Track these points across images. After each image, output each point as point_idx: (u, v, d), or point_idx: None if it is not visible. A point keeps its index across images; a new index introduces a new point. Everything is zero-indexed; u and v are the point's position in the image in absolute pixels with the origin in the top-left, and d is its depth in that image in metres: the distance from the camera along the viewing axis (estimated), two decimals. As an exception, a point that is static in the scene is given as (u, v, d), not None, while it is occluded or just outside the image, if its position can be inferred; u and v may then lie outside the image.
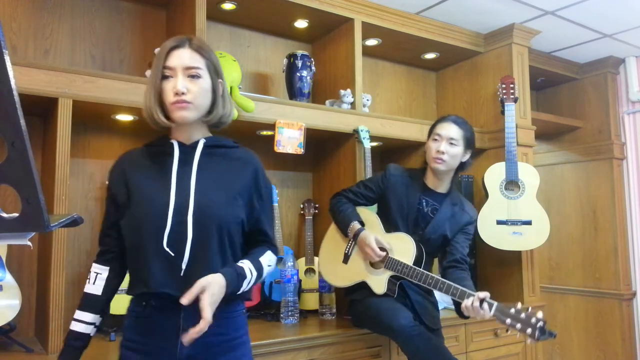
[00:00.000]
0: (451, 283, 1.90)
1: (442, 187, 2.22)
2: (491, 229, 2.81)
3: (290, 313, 2.34)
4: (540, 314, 1.67)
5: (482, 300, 1.79)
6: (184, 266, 1.28)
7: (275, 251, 1.46)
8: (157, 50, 2.21)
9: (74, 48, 2.29)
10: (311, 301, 2.57)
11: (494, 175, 2.89)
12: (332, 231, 2.32)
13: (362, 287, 2.14)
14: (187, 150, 1.38)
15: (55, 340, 1.77)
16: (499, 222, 2.82)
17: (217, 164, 1.39)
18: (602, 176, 3.72)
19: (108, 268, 1.40)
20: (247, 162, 1.44)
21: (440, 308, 2.49)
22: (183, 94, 1.30)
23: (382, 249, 2.09)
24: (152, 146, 1.43)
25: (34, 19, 2.20)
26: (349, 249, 2.22)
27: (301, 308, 2.48)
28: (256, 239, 1.43)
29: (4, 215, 0.68)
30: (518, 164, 2.85)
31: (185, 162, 1.36)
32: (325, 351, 2.15)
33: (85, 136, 2.28)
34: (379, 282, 2.08)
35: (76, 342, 1.36)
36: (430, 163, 2.17)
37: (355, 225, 2.14)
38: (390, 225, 2.18)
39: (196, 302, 1.21)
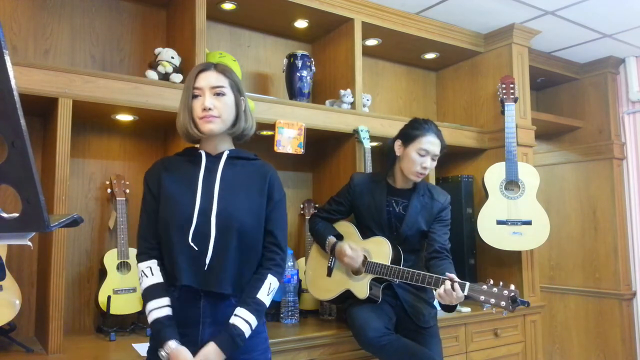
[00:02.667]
0: (425, 273, 1.94)
1: (408, 184, 2.23)
2: (491, 229, 2.81)
3: (290, 313, 2.34)
4: (512, 287, 1.78)
5: (452, 282, 1.84)
6: (207, 261, 1.44)
7: (277, 271, 1.54)
8: (157, 50, 2.22)
9: (74, 48, 2.29)
10: (311, 301, 2.57)
11: (494, 175, 2.89)
12: (315, 250, 2.37)
13: (349, 296, 2.16)
14: (213, 160, 1.56)
15: (55, 340, 1.77)
16: (499, 222, 2.82)
17: (238, 173, 1.56)
18: (602, 176, 3.72)
19: (155, 261, 1.51)
20: (264, 171, 1.60)
21: (439, 307, 2.49)
22: (210, 109, 1.48)
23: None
24: (183, 155, 1.61)
25: (34, 19, 2.20)
26: (331, 262, 2.27)
27: (301, 308, 2.48)
28: (265, 240, 1.55)
29: (4, 215, 0.68)
30: (518, 164, 2.86)
31: (211, 170, 1.53)
32: (325, 351, 2.16)
33: (85, 136, 2.28)
34: (361, 287, 2.11)
35: (172, 322, 1.44)
36: (410, 175, 2.15)
37: (331, 239, 2.20)
38: (367, 232, 2.22)
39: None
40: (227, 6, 2.53)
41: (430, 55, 3.28)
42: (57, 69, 1.87)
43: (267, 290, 1.50)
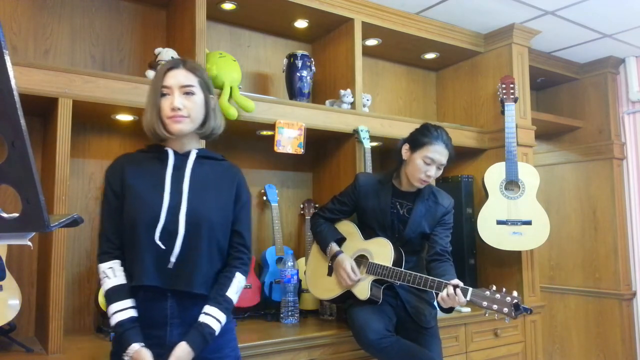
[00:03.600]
0: (428, 277, 1.94)
1: (413, 187, 2.22)
2: (491, 229, 2.81)
3: (290, 313, 2.34)
4: (514, 293, 1.77)
5: (455, 287, 1.84)
6: (172, 259, 1.42)
7: (244, 270, 1.55)
8: (157, 50, 2.21)
9: (74, 48, 2.29)
10: (311, 301, 2.57)
11: (494, 175, 2.89)
12: (315, 248, 2.37)
13: (350, 296, 2.16)
14: (181, 158, 1.53)
15: (55, 340, 1.77)
16: (499, 222, 2.82)
17: (207, 172, 1.54)
18: (602, 176, 3.72)
19: (118, 261, 1.47)
20: (231, 173, 1.59)
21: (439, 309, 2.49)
22: (179, 109, 1.46)
23: (361, 255, 2.17)
24: (146, 152, 1.57)
25: (34, 19, 2.20)
26: (331, 263, 2.26)
27: (301, 308, 2.48)
28: (232, 240, 1.55)
29: (4, 215, 0.68)
30: (518, 164, 2.85)
31: (179, 168, 1.51)
32: (325, 351, 2.16)
33: (85, 136, 2.28)
34: (362, 289, 2.11)
35: (135, 324, 1.42)
36: (414, 181, 2.14)
37: (333, 247, 2.20)
38: (369, 233, 2.22)
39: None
40: (227, 6, 2.53)
41: (430, 55, 3.28)
42: (57, 69, 1.86)
43: (236, 288, 1.50)
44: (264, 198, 2.72)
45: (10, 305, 1.82)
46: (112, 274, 1.45)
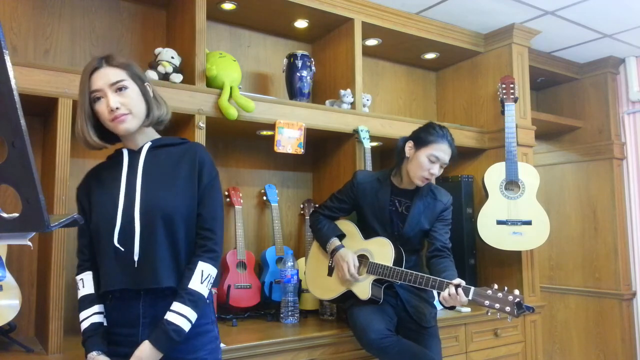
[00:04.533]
0: (429, 276, 1.94)
1: (412, 185, 2.22)
2: (491, 229, 2.81)
3: (290, 313, 2.34)
4: (516, 292, 1.77)
5: (457, 287, 1.84)
6: (136, 258, 1.40)
7: (209, 257, 1.44)
8: (157, 50, 2.21)
9: (74, 48, 2.29)
10: (311, 301, 2.57)
11: (494, 175, 2.89)
12: (315, 247, 2.37)
13: (351, 296, 2.16)
14: (135, 155, 1.49)
15: (55, 340, 1.77)
16: (499, 222, 2.82)
17: (162, 161, 1.48)
18: (602, 176, 3.72)
19: (90, 272, 1.50)
20: (191, 153, 1.50)
21: (439, 308, 2.49)
22: (118, 108, 1.40)
23: (361, 255, 2.16)
24: (111, 158, 1.56)
25: (34, 19, 2.20)
26: (332, 261, 2.25)
27: (301, 308, 2.48)
28: (197, 226, 1.46)
29: (4, 215, 0.68)
30: (518, 164, 2.85)
31: (133, 165, 1.47)
32: (325, 351, 2.16)
33: (85, 136, 2.27)
34: (363, 289, 2.11)
35: (97, 330, 1.43)
36: (415, 179, 2.14)
37: (334, 242, 2.19)
38: (369, 231, 2.21)
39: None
40: (227, 6, 2.53)
41: (430, 55, 3.28)
42: (57, 69, 1.87)
43: (200, 278, 1.40)
44: (264, 198, 2.72)
45: (10, 305, 1.82)
46: (82, 284, 1.48)
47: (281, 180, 2.84)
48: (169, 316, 1.36)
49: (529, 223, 2.80)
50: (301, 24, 2.75)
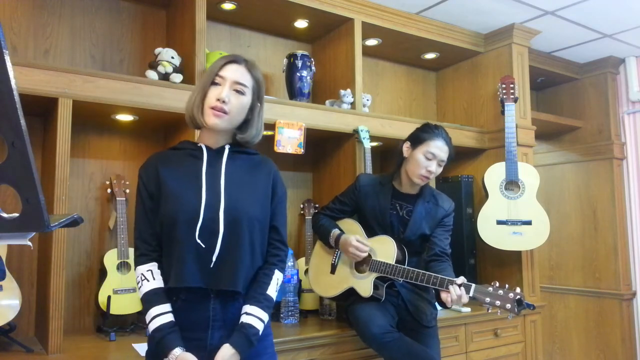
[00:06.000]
0: (431, 274, 1.96)
1: (414, 189, 2.23)
2: (491, 229, 2.81)
3: (290, 313, 2.34)
4: (517, 289, 1.77)
5: (459, 285, 1.85)
6: (214, 258, 1.37)
7: (282, 267, 1.52)
8: (157, 50, 2.21)
9: (74, 48, 2.29)
10: (311, 301, 2.57)
11: (494, 175, 2.89)
12: (318, 248, 2.37)
13: (352, 293, 2.16)
14: (215, 154, 1.48)
15: (55, 340, 1.77)
16: (499, 222, 2.82)
17: (242, 167, 1.50)
18: (602, 176, 3.72)
19: (156, 264, 1.42)
20: (266, 166, 1.55)
21: (440, 308, 2.50)
22: (224, 102, 1.41)
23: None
24: (179, 149, 1.52)
25: (34, 19, 2.20)
26: (335, 259, 2.26)
27: (301, 308, 2.48)
28: (270, 236, 1.51)
29: (4, 215, 0.68)
30: (518, 164, 2.86)
31: (214, 164, 1.46)
32: (325, 351, 2.16)
33: (85, 136, 2.28)
34: (365, 286, 2.11)
35: (174, 328, 1.36)
36: (414, 178, 2.15)
37: (335, 232, 2.20)
38: (370, 232, 2.22)
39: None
40: (227, 6, 2.53)
41: (430, 55, 3.28)
42: (57, 69, 1.87)
43: (276, 286, 1.46)
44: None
45: (10, 305, 1.82)
46: (151, 276, 1.40)
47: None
48: (249, 319, 1.38)
49: (529, 223, 2.80)
50: (301, 24, 2.75)
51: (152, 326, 1.36)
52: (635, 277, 3.63)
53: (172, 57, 2.18)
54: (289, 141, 2.36)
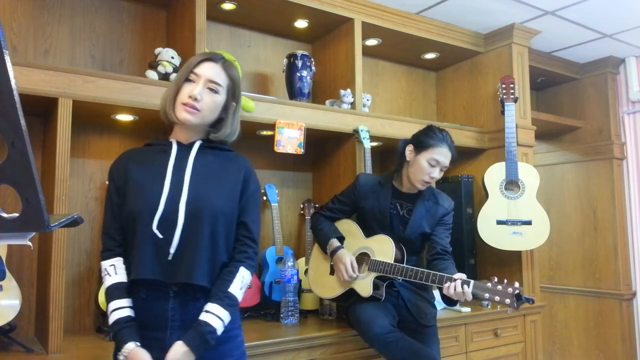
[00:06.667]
0: (430, 271, 1.96)
1: (414, 189, 2.23)
2: (491, 229, 2.81)
3: (290, 313, 2.34)
4: (516, 284, 1.78)
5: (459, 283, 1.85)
6: (172, 250, 1.36)
7: (250, 264, 1.45)
8: (157, 50, 2.21)
9: (74, 48, 2.29)
10: (311, 301, 2.57)
11: (494, 175, 2.89)
12: (317, 249, 2.38)
13: (352, 294, 2.16)
14: (184, 149, 1.49)
15: (55, 340, 1.77)
16: (499, 222, 2.82)
17: (211, 161, 1.49)
18: (602, 176, 3.72)
19: (121, 259, 1.42)
20: (238, 162, 1.53)
21: (439, 308, 2.50)
22: (196, 99, 1.42)
23: (363, 253, 2.17)
24: (152, 145, 1.54)
25: (34, 19, 2.20)
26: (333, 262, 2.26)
27: (301, 308, 2.48)
28: (238, 232, 1.47)
29: (4, 215, 0.68)
30: (518, 164, 2.85)
31: (182, 158, 1.46)
32: (325, 351, 2.16)
33: (85, 136, 2.28)
34: (364, 286, 2.11)
35: (130, 323, 1.37)
36: (416, 183, 2.15)
37: (334, 243, 2.20)
38: (369, 232, 2.23)
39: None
40: (227, 6, 2.53)
41: (430, 55, 3.28)
42: (57, 69, 1.86)
43: (240, 283, 1.40)
44: (264, 198, 2.71)
45: (10, 305, 1.82)
46: (113, 271, 1.40)
47: (281, 180, 2.84)
48: (206, 317, 1.33)
49: (529, 223, 2.80)
50: (301, 24, 2.75)
51: (110, 320, 1.37)
52: (635, 277, 3.63)
53: (172, 57, 2.18)
54: (289, 141, 2.36)
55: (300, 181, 2.91)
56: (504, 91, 2.95)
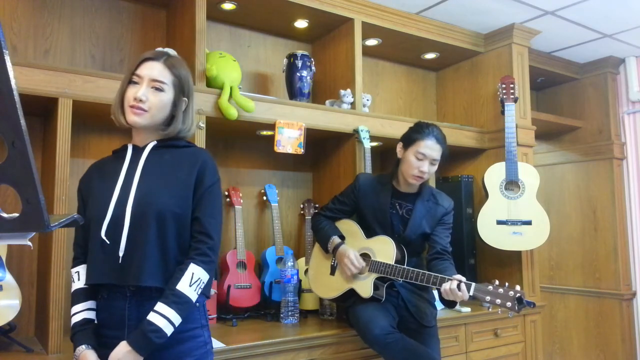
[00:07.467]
0: (430, 273, 1.96)
1: (413, 188, 2.23)
2: (491, 229, 2.81)
3: (290, 313, 2.34)
4: (517, 287, 1.78)
5: (459, 283, 1.85)
6: (120, 254, 1.38)
7: (202, 260, 1.40)
8: (157, 50, 2.21)
9: (74, 48, 2.29)
10: (311, 301, 2.57)
11: (494, 175, 2.89)
12: (317, 249, 2.38)
13: (352, 294, 2.16)
14: (139, 152, 1.50)
15: (55, 340, 1.77)
16: (499, 222, 2.82)
17: (165, 161, 1.48)
18: (602, 176, 3.72)
19: (85, 266, 1.47)
20: (195, 156, 1.49)
21: (440, 308, 2.50)
22: (141, 101, 1.42)
23: (364, 254, 2.17)
24: (116, 152, 1.57)
25: (34, 19, 2.20)
26: (334, 260, 2.26)
27: (301, 308, 2.48)
28: (192, 228, 1.43)
29: (4, 215, 0.68)
30: (518, 164, 2.85)
31: (135, 161, 1.48)
32: (325, 351, 2.16)
33: (85, 136, 2.28)
34: (365, 287, 2.11)
35: (87, 325, 1.42)
36: (408, 178, 2.16)
37: (335, 240, 2.21)
38: (370, 232, 2.23)
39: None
40: (227, 6, 2.53)
41: (430, 55, 3.28)
42: (57, 69, 1.86)
43: (189, 281, 1.35)
44: (264, 198, 2.72)
45: (10, 305, 1.82)
46: (77, 277, 1.46)
47: (281, 180, 2.84)
48: (151, 316, 1.31)
49: (529, 223, 2.80)
50: (301, 24, 2.75)
51: (71, 323, 1.43)
52: (635, 277, 3.63)
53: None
54: (289, 141, 2.36)
55: (300, 181, 2.91)
56: (504, 91, 2.95)
